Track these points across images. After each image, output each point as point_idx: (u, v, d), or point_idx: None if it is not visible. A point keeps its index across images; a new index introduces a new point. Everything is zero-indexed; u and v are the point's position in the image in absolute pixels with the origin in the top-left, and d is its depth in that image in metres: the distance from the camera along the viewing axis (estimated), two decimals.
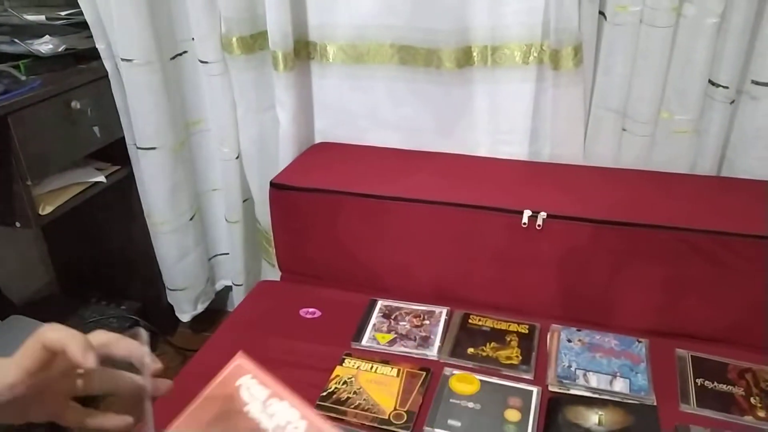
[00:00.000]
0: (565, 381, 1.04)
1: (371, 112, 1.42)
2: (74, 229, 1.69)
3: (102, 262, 1.74)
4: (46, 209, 1.34)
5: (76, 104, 1.34)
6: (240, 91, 1.43)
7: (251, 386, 0.50)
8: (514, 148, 1.35)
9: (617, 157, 1.31)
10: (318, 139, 1.51)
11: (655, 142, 1.27)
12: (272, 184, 1.33)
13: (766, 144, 1.19)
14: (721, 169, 1.27)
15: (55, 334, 0.46)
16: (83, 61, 1.42)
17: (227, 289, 1.82)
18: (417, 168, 1.34)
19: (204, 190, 1.65)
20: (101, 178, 1.46)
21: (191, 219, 1.60)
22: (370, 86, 1.39)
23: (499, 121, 1.34)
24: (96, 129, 1.41)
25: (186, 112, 1.53)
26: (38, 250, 1.76)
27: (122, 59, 1.35)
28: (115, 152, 1.51)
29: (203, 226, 1.69)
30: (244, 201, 1.59)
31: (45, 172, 1.35)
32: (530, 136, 1.33)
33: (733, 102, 1.20)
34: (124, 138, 1.51)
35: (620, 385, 1.03)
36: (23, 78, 1.29)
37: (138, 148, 1.46)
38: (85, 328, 1.66)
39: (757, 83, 1.16)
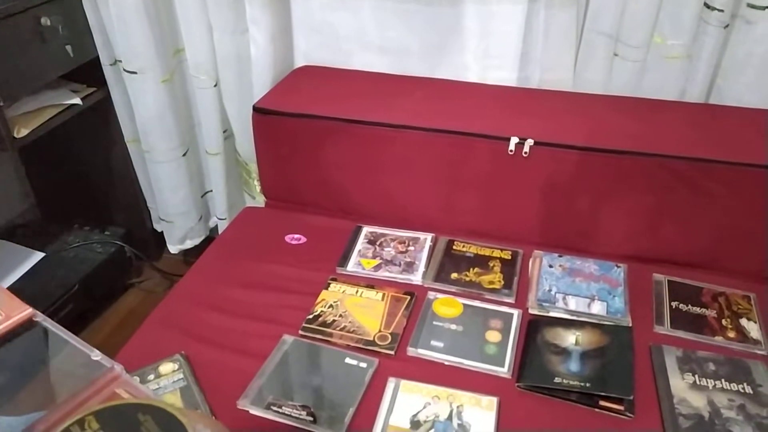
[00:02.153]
0: (545, 304, 1.07)
1: (357, 34, 1.37)
2: (52, 154, 1.65)
3: (83, 187, 1.72)
4: (21, 132, 1.31)
5: (46, 20, 1.27)
6: (215, 10, 1.36)
7: None
8: (503, 73, 1.32)
9: (607, 84, 1.29)
10: (299, 63, 1.46)
11: (646, 67, 1.24)
12: (255, 109, 1.30)
13: (756, 70, 1.18)
14: (709, 96, 1.26)
15: None
16: None
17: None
18: (404, 93, 1.31)
19: (197, 123, 1.59)
20: (77, 100, 1.42)
21: (184, 155, 1.56)
22: (356, 6, 1.33)
23: (489, 45, 1.30)
24: (69, 48, 1.36)
25: (175, 38, 1.45)
26: (17, 174, 1.72)
27: None
28: (90, 73, 1.45)
29: (197, 162, 1.65)
30: (224, 132, 1.55)
31: (17, 93, 1.30)
32: (520, 60, 1.29)
33: (727, 26, 1.17)
34: (98, 58, 1.45)
35: (598, 308, 1.06)
36: None
37: (125, 71, 1.41)
38: (69, 253, 1.66)
39: (752, 6, 1.13)
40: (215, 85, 1.47)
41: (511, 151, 1.15)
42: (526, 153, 1.14)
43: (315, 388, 0.94)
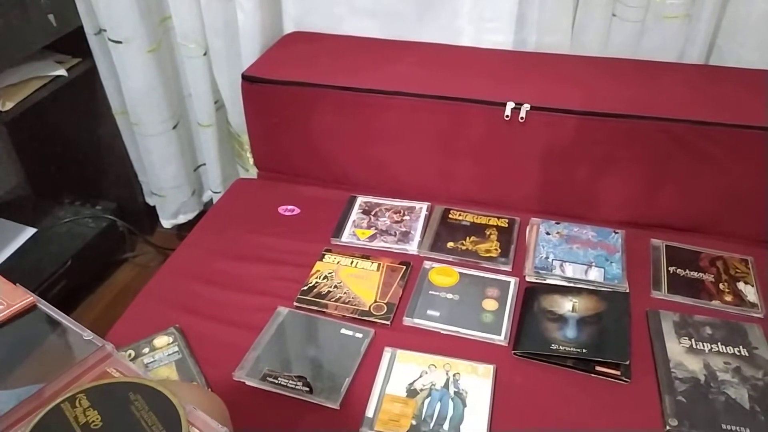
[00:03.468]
0: (541, 271, 1.06)
1: None
2: (40, 127, 1.62)
3: (72, 161, 1.69)
4: (6, 105, 1.28)
5: None
6: None
7: None
8: (498, 37, 1.29)
9: (605, 45, 1.25)
10: (288, 29, 1.42)
11: (645, 28, 1.21)
12: (244, 77, 1.26)
13: (757, 30, 1.15)
14: (709, 57, 1.23)
15: None
16: None
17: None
18: (397, 59, 1.28)
19: (187, 94, 1.56)
20: (62, 72, 1.38)
21: (174, 128, 1.53)
22: None
23: (484, 7, 1.26)
24: (51, 17, 1.31)
25: (160, 5, 1.41)
26: (5, 148, 1.70)
27: None
28: (74, 43, 1.41)
29: (189, 135, 1.62)
30: (215, 102, 1.52)
31: (0, 65, 1.27)
32: (516, 23, 1.26)
33: None
34: (83, 27, 1.41)
35: (595, 274, 1.05)
36: None
37: (110, 40, 1.37)
38: (61, 228, 1.64)
39: None
40: (205, 54, 1.43)
41: (507, 116, 1.12)
42: (522, 118, 1.12)
43: (311, 359, 0.94)
